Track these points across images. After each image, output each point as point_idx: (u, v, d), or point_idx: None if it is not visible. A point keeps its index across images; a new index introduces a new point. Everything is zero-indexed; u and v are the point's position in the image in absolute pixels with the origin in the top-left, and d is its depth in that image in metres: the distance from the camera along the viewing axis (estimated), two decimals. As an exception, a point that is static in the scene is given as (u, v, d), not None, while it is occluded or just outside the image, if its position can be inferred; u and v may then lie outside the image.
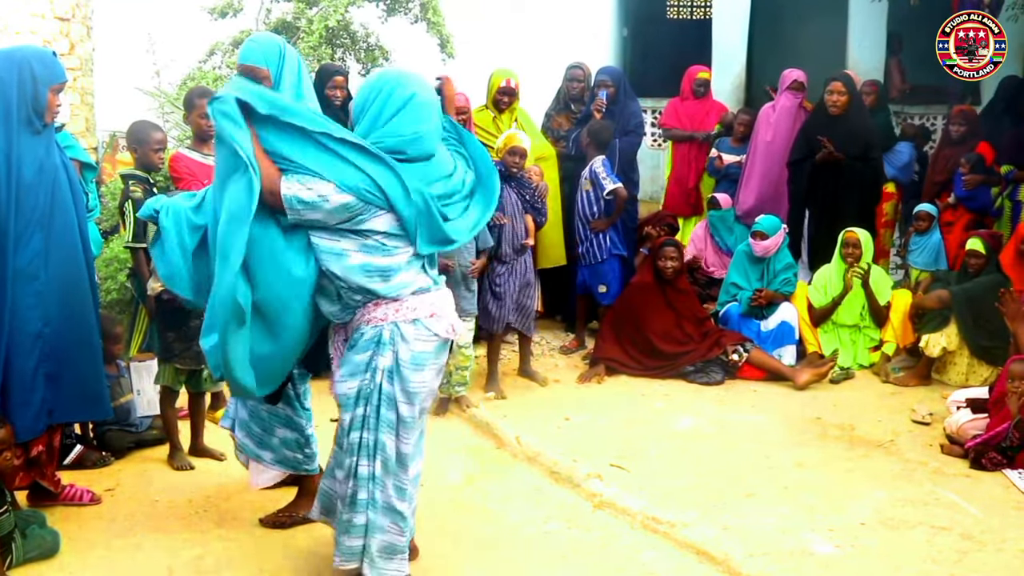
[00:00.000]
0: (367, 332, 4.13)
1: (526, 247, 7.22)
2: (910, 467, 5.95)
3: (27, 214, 4.68)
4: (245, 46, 4.62)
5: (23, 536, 4.63)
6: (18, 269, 4.68)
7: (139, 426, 6.11)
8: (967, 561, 4.78)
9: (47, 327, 4.79)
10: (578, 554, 4.92)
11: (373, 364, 4.12)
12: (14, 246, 4.65)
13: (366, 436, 4.17)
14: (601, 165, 7.86)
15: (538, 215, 7.36)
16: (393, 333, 4.11)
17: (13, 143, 4.63)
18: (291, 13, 9.73)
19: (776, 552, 4.85)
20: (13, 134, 4.63)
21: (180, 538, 4.98)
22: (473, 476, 5.88)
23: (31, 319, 4.73)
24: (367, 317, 4.13)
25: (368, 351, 4.13)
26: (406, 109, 4.07)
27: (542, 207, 7.43)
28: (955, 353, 7.37)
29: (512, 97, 8.07)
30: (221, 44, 9.74)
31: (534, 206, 7.26)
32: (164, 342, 5.75)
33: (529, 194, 7.18)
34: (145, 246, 5.91)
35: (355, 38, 9.82)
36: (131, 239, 5.94)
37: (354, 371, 4.16)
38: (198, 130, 5.94)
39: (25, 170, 4.66)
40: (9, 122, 4.63)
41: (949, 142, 9.45)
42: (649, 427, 6.63)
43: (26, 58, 4.72)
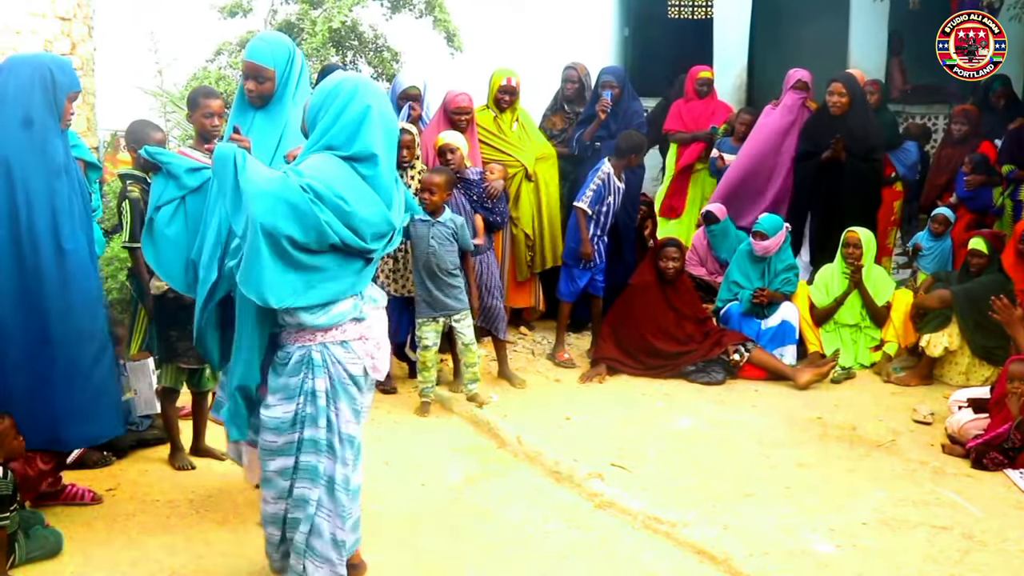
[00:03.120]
0: (294, 354, 4.12)
1: (479, 247, 7.21)
2: (911, 467, 5.95)
3: (47, 215, 4.76)
4: (253, 44, 4.62)
5: (26, 536, 4.65)
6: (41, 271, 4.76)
7: (139, 425, 6.11)
8: (968, 561, 4.79)
9: (51, 335, 4.85)
10: (578, 554, 4.93)
11: (313, 389, 4.10)
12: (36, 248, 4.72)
13: (304, 459, 4.13)
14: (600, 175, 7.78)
15: (489, 214, 7.37)
16: (324, 355, 4.10)
17: (37, 146, 4.74)
18: (296, 14, 9.72)
19: (777, 552, 4.86)
20: (36, 137, 4.75)
21: (182, 538, 4.99)
22: (474, 476, 5.88)
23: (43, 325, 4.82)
24: (293, 337, 4.13)
25: (298, 374, 4.12)
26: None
27: (494, 207, 7.42)
28: (956, 353, 7.37)
29: (513, 96, 8.08)
30: (228, 44, 9.72)
31: (483, 205, 7.26)
32: (166, 342, 5.74)
33: (476, 194, 7.17)
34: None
35: (364, 40, 9.81)
36: (128, 239, 5.94)
37: (290, 395, 4.13)
38: (201, 129, 5.92)
39: (46, 173, 4.76)
40: (32, 126, 4.75)
41: (951, 142, 9.45)
42: (650, 427, 6.63)
43: (46, 64, 4.87)
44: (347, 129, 4.02)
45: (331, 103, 4.06)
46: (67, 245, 4.84)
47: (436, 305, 6.79)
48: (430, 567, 4.76)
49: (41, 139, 4.76)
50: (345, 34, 9.52)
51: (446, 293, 6.77)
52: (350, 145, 4.02)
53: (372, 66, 9.86)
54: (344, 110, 4.04)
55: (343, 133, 4.02)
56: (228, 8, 9.68)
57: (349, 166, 4.01)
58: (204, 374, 5.89)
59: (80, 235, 4.91)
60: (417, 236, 6.73)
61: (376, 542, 4.78)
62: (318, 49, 9.06)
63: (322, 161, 4.00)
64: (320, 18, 9.26)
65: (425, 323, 6.83)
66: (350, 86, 4.09)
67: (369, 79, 4.64)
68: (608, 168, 7.72)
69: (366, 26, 9.84)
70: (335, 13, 9.23)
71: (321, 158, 4.02)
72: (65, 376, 4.89)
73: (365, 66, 9.87)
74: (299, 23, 9.52)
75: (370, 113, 4.04)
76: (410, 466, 5.97)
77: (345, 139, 4.02)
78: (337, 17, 9.19)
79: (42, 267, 4.78)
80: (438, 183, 6.69)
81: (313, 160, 4.02)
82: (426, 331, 6.84)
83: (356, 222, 4.00)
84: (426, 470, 5.93)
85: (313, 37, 9.11)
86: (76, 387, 4.93)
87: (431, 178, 6.74)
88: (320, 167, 3.98)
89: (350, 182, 4.00)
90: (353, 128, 4.02)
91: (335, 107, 4.05)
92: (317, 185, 3.91)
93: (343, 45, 9.58)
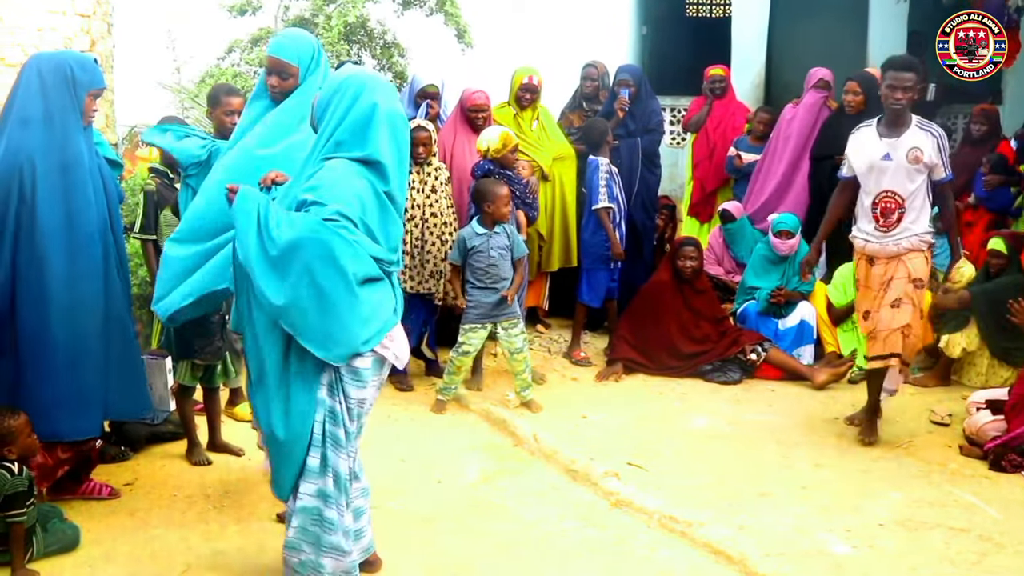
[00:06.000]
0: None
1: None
2: (928, 468, 5.93)
3: (71, 214, 4.80)
4: (277, 40, 4.62)
5: (44, 530, 4.67)
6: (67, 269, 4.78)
7: (155, 419, 6.13)
8: (985, 563, 4.77)
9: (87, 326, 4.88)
10: (594, 552, 4.93)
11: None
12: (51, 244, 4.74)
13: (308, 453, 4.14)
14: (602, 173, 7.78)
15: (530, 210, 7.36)
16: None
17: (57, 143, 4.77)
18: (309, 10, 9.74)
19: (792, 552, 4.85)
20: (55, 134, 4.77)
21: (198, 532, 5.01)
22: (490, 474, 5.89)
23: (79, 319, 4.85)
24: None
25: None
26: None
27: (533, 202, 7.43)
28: (975, 354, 7.34)
29: (535, 94, 8.07)
30: (239, 42, 9.76)
31: (524, 201, 7.25)
32: (182, 338, 5.76)
33: (520, 189, 7.18)
34: (154, 238, 5.94)
35: (372, 35, 9.83)
36: (139, 229, 5.97)
37: None
38: (220, 126, 5.95)
39: (61, 169, 4.78)
40: (52, 123, 4.77)
41: (970, 141, 9.40)
42: (666, 426, 6.63)
43: (67, 62, 4.91)
44: (354, 126, 4.02)
45: (339, 99, 4.06)
46: (79, 242, 4.85)
47: (487, 312, 6.77)
48: (445, 564, 4.76)
49: (61, 136, 4.79)
50: (355, 29, 9.55)
51: (498, 301, 6.76)
52: (359, 145, 4.02)
53: (376, 59, 9.89)
54: (352, 107, 4.04)
55: (350, 130, 4.03)
56: (238, 7, 9.72)
57: (363, 175, 4.02)
58: (216, 371, 5.90)
59: (94, 233, 4.92)
60: (477, 250, 6.69)
61: (391, 539, 4.79)
62: (332, 44, 9.09)
63: (340, 175, 4.01)
64: (335, 13, 9.29)
65: (472, 329, 6.79)
66: (357, 82, 4.09)
67: (376, 74, 4.63)
68: (603, 161, 7.77)
69: (375, 21, 9.87)
70: (349, 8, 9.26)
71: (336, 171, 4.01)
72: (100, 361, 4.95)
73: (370, 59, 9.90)
74: (313, 19, 9.54)
75: (377, 110, 4.04)
76: (426, 463, 5.98)
77: (352, 136, 4.02)
78: (352, 12, 9.22)
79: (51, 262, 4.79)
80: (505, 196, 6.69)
81: (327, 175, 4.01)
82: (471, 337, 6.80)
83: (381, 238, 4.04)
84: (442, 467, 5.94)
85: (328, 32, 9.14)
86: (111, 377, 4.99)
87: (500, 190, 6.68)
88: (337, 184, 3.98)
89: (368, 199, 4.01)
90: (360, 125, 4.02)
91: (343, 103, 4.05)
92: (344, 210, 3.92)
93: (350, 40, 9.60)
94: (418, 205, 7.05)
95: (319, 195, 3.93)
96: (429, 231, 7.12)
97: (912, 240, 6.13)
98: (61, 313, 4.79)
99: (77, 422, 4.93)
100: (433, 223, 7.12)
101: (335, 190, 3.94)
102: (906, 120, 6.11)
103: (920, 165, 6.04)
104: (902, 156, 6.05)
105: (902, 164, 6.05)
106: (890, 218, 6.11)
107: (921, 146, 6.03)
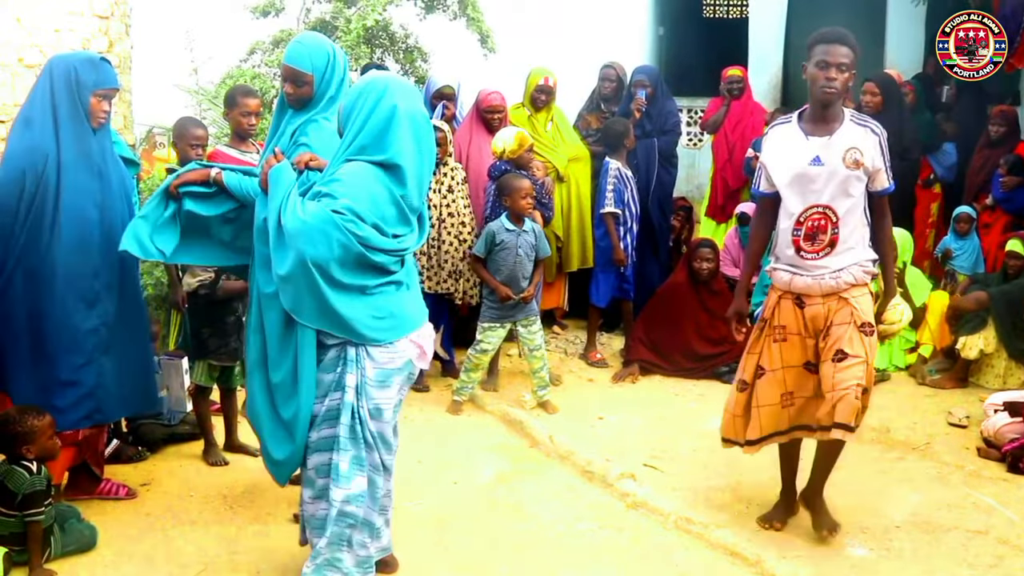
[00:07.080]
0: (331, 350, 4.16)
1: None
2: (946, 470, 5.91)
3: (77, 213, 4.80)
4: (291, 47, 4.61)
5: (61, 530, 4.70)
6: (72, 267, 4.79)
7: (171, 420, 6.16)
8: (1003, 566, 4.75)
9: (103, 323, 4.91)
10: (610, 554, 4.92)
11: (343, 383, 4.14)
12: (53, 243, 4.75)
13: (335, 457, 4.15)
14: (611, 178, 7.77)
15: (545, 210, 7.36)
16: (359, 351, 4.14)
17: (61, 144, 4.78)
18: (329, 13, 9.77)
19: (809, 554, 4.84)
20: (61, 134, 4.79)
21: (215, 533, 5.03)
22: (506, 475, 5.89)
23: (91, 315, 4.86)
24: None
25: (334, 371, 4.16)
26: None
27: (548, 202, 7.43)
28: (992, 356, 7.31)
29: (550, 96, 8.07)
30: (261, 43, 9.80)
31: (540, 201, 7.25)
32: (198, 339, 5.79)
33: (536, 190, 7.18)
34: None
35: (394, 39, 9.85)
36: None
37: (324, 391, 4.17)
38: (238, 127, 5.98)
39: (73, 169, 4.80)
40: (57, 123, 4.79)
41: (988, 143, 9.35)
42: (682, 427, 6.62)
43: (72, 62, 4.91)
44: (375, 130, 4.05)
45: (361, 105, 4.09)
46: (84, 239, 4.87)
47: (507, 311, 6.79)
48: (461, 565, 4.77)
49: (66, 136, 4.79)
50: (376, 32, 9.57)
51: (516, 302, 6.78)
52: (379, 149, 4.05)
53: (399, 63, 9.91)
54: (373, 111, 4.06)
55: (371, 134, 4.05)
56: (260, 8, 9.74)
57: (381, 180, 4.05)
58: (234, 371, 5.92)
59: (95, 232, 4.92)
60: (505, 247, 6.71)
61: (408, 539, 4.80)
62: (352, 47, 9.11)
63: (356, 175, 4.04)
64: (355, 16, 9.31)
65: (491, 328, 6.82)
66: (380, 86, 4.11)
67: (399, 78, 4.63)
68: (615, 164, 7.75)
69: (397, 25, 9.88)
70: (369, 11, 9.29)
71: (354, 172, 4.04)
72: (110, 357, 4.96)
73: (392, 63, 9.92)
74: (333, 21, 9.57)
75: (397, 113, 4.06)
76: (442, 464, 5.99)
77: (373, 140, 4.05)
78: (371, 15, 9.24)
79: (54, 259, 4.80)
80: (524, 188, 6.71)
81: (343, 174, 4.05)
82: (490, 335, 6.83)
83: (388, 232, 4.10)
84: (458, 468, 5.94)
85: (347, 35, 9.16)
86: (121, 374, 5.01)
87: (519, 183, 6.70)
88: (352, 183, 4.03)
89: (380, 196, 4.05)
90: (381, 128, 4.05)
91: (365, 108, 4.07)
92: (353, 205, 3.98)
93: (372, 43, 9.62)
94: (435, 205, 7.06)
95: (332, 189, 4.01)
96: (447, 231, 7.12)
97: (855, 271, 4.71)
98: (65, 305, 4.81)
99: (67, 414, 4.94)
100: (450, 223, 7.13)
101: (349, 187, 3.99)
102: (837, 113, 4.72)
103: (860, 171, 4.63)
104: (836, 160, 4.62)
105: (837, 170, 4.62)
106: (819, 241, 4.67)
107: (860, 146, 4.62)
